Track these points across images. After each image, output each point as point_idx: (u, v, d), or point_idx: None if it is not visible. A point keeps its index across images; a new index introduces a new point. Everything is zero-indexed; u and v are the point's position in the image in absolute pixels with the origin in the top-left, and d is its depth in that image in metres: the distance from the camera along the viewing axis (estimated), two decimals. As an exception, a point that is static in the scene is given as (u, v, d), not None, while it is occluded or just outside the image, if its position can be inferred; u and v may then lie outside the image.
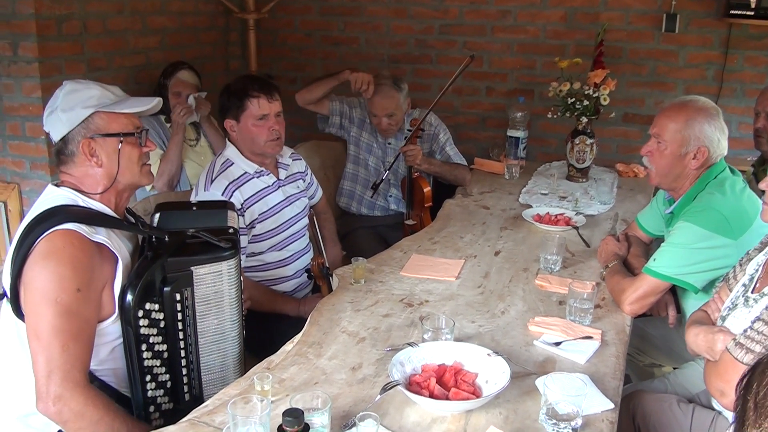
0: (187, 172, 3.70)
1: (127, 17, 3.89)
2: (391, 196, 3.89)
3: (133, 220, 2.07)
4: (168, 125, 3.72)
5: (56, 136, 1.93)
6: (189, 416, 1.73)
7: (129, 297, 1.84)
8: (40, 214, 1.83)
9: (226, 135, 2.92)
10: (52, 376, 1.72)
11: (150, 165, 2.08)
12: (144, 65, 3.99)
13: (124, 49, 3.89)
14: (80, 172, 1.94)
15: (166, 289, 1.89)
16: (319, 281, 2.77)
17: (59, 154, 1.95)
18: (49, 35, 3.40)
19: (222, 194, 2.73)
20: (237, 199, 2.77)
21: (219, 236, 2.00)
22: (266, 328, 2.71)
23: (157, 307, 1.89)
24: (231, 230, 2.08)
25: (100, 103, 1.92)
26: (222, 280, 1.98)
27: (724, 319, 1.97)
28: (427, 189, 3.66)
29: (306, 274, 3.03)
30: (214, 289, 1.97)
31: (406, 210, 3.73)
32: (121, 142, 1.94)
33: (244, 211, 2.80)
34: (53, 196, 1.91)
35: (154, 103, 2.01)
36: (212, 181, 2.78)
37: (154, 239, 1.97)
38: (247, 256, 2.85)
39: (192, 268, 1.92)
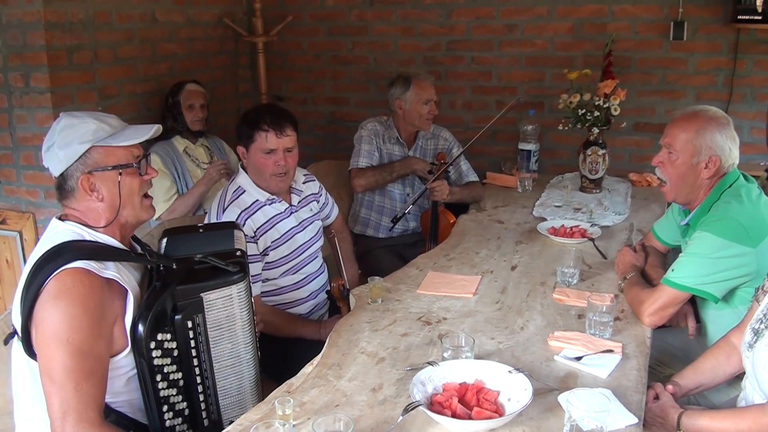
0: (201, 196, 3.71)
1: (137, 45, 3.93)
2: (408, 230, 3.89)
3: (139, 249, 2.05)
4: (181, 149, 3.73)
5: (55, 172, 1.91)
6: (211, 443, 1.72)
7: (140, 329, 1.82)
8: (48, 251, 1.81)
9: (239, 160, 2.92)
10: (67, 417, 1.71)
11: (152, 198, 2.05)
12: (155, 91, 4.02)
13: (135, 76, 3.93)
14: (83, 207, 1.92)
15: (177, 317, 1.88)
16: (339, 303, 2.76)
17: (60, 189, 1.94)
18: (61, 65, 3.44)
19: None
20: (249, 228, 2.76)
21: (227, 260, 1.98)
22: (284, 351, 2.70)
23: (169, 336, 1.87)
24: (239, 252, 2.06)
25: (96, 137, 1.89)
26: (233, 303, 1.97)
27: (757, 332, 1.94)
28: (453, 221, 3.62)
29: (327, 296, 3.02)
30: (226, 314, 1.96)
31: (428, 243, 3.68)
32: (120, 174, 1.92)
33: (258, 239, 2.78)
34: (59, 232, 1.90)
35: (152, 132, 1.97)
36: (224, 210, 2.77)
37: (162, 267, 1.95)
38: (262, 282, 2.83)
39: (201, 294, 1.91)
